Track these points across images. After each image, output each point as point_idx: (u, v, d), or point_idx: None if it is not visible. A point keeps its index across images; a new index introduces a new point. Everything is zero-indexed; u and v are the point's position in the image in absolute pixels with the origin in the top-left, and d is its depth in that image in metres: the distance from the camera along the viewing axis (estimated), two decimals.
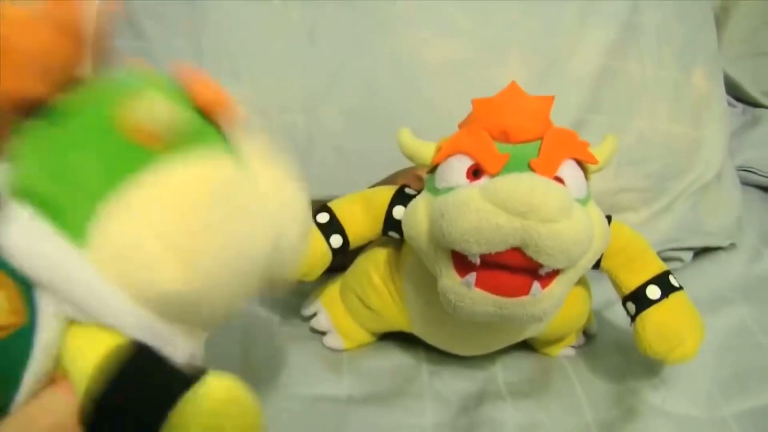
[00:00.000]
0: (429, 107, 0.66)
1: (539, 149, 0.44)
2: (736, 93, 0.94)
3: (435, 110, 0.66)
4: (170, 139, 0.30)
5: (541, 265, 0.41)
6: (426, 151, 0.48)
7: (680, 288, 0.51)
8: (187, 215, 0.29)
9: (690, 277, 0.67)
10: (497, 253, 0.41)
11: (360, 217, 0.53)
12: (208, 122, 0.33)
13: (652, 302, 0.50)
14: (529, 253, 0.40)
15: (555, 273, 0.43)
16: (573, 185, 0.44)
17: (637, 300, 0.51)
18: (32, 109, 0.30)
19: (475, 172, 0.44)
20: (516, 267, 0.42)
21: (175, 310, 0.30)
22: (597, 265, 0.51)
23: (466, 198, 0.41)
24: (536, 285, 0.42)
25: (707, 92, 0.74)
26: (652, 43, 0.72)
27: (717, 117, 0.75)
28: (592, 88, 0.69)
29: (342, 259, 0.55)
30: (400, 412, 0.51)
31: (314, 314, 0.59)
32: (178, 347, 0.31)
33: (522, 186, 0.40)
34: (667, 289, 0.51)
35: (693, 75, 0.73)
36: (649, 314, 0.50)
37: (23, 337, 0.28)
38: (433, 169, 0.48)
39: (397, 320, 0.55)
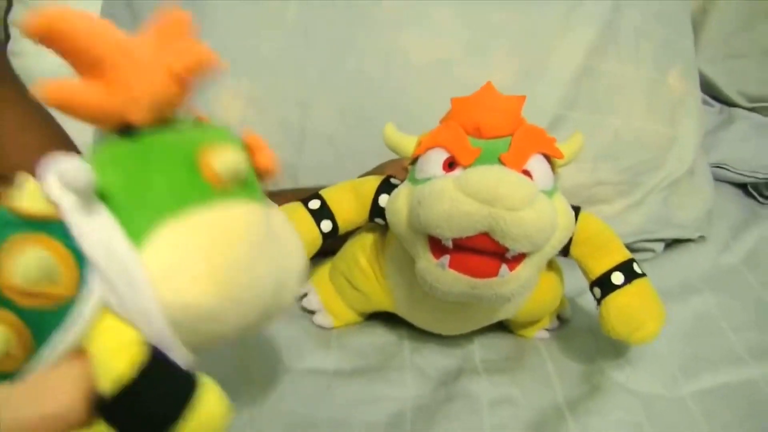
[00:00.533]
0: (417, 104, 0.70)
1: (509, 144, 0.48)
2: (713, 92, 0.97)
3: (422, 107, 0.68)
4: (232, 186, 0.36)
5: (507, 249, 0.45)
6: (408, 144, 0.52)
7: (643, 275, 0.54)
8: (233, 248, 0.35)
9: (661, 267, 0.72)
10: (468, 238, 0.45)
11: (349, 204, 0.57)
12: (254, 177, 0.39)
13: (616, 287, 0.54)
14: (496, 237, 0.45)
15: (521, 257, 0.47)
16: (540, 178, 0.48)
17: (603, 285, 0.54)
18: (126, 129, 0.35)
19: (450, 164, 0.49)
20: (485, 251, 0.46)
21: (192, 324, 0.35)
22: (567, 253, 0.55)
23: (441, 187, 0.46)
24: (504, 267, 0.47)
25: (683, 92, 0.78)
26: (631, 43, 0.75)
27: (691, 116, 0.78)
28: (571, 86, 0.72)
29: (332, 244, 0.59)
30: (383, 385, 0.55)
31: (305, 294, 0.63)
32: (178, 357, 0.36)
33: (490, 177, 0.45)
34: (631, 275, 0.54)
35: (669, 75, 0.77)
36: (613, 298, 0.53)
37: (66, 308, 0.32)
38: (414, 161, 0.52)
39: (382, 301, 0.59)
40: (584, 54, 0.73)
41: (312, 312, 0.63)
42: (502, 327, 0.62)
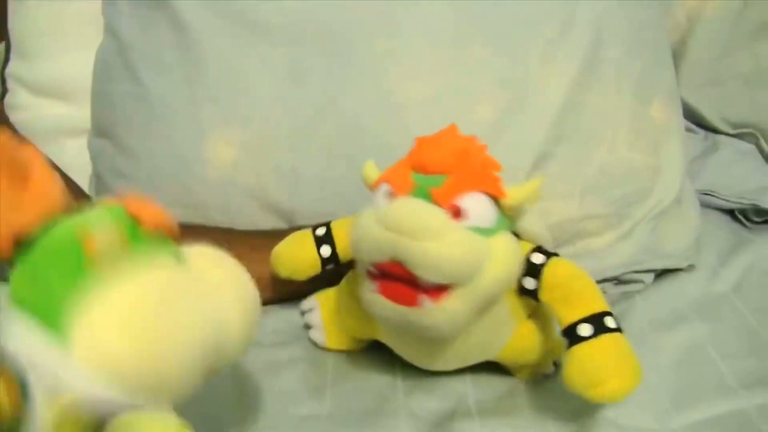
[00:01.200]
0: (403, 142, 0.69)
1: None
2: (697, 120, 0.99)
3: (408, 145, 0.70)
4: (123, 255, 0.38)
5: (418, 278, 0.48)
6: (372, 179, 0.55)
7: (616, 330, 0.52)
8: (141, 315, 0.37)
9: (650, 297, 0.73)
10: (383, 264, 0.49)
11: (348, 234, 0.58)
12: (154, 237, 0.41)
13: (582, 339, 0.52)
14: (407, 266, 0.47)
15: (443, 289, 0.49)
16: (475, 215, 0.50)
17: (569, 336, 0.53)
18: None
19: (391, 197, 0.52)
20: (400, 278, 0.49)
21: (136, 384, 0.37)
22: (536, 297, 0.55)
23: (364, 216, 0.50)
24: (424, 297, 0.48)
25: (665, 121, 0.79)
26: (612, 76, 0.76)
27: (675, 144, 0.79)
28: (555, 122, 0.73)
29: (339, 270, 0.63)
30: (378, 430, 0.56)
31: (310, 310, 0.66)
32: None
33: (400, 207, 0.49)
34: (600, 329, 0.52)
35: (651, 106, 0.78)
36: (576, 350, 0.52)
37: (24, 425, 0.35)
38: None
39: (371, 329, 0.60)
40: (567, 89, 0.74)
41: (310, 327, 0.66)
42: (498, 367, 0.62)
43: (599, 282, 0.73)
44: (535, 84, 0.74)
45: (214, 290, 0.42)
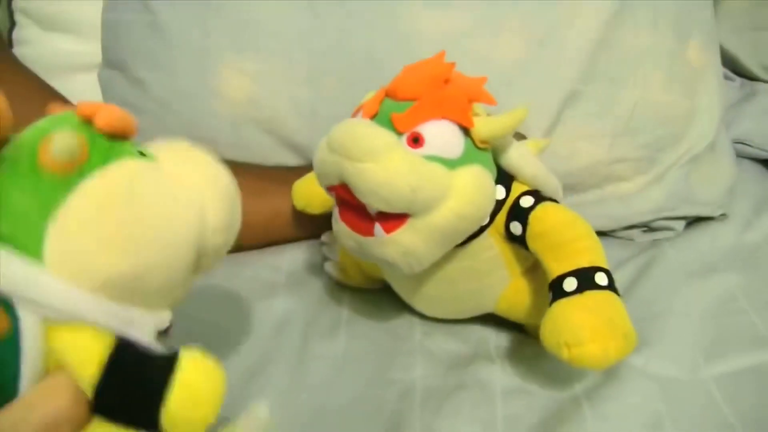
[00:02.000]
0: None
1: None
2: (734, 66, 0.94)
3: None
4: (82, 162, 0.36)
5: (366, 205, 0.45)
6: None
7: (607, 288, 0.47)
8: (111, 212, 0.35)
9: (681, 247, 0.70)
10: (334, 188, 0.47)
11: None
12: (114, 141, 0.39)
13: (566, 294, 0.47)
14: (351, 190, 0.45)
15: (397, 220, 0.45)
16: (435, 144, 0.46)
17: (553, 289, 0.48)
18: None
19: None
20: (350, 203, 0.46)
21: (127, 291, 0.36)
22: (525, 246, 0.51)
23: (323, 139, 0.48)
24: (378, 227, 0.46)
25: (702, 64, 0.75)
26: (648, 14, 0.72)
27: (711, 89, 0.75)
28: (587, 59, 0.69)
29: None
30: (393, 368, 0.54)
31: (330, 243, 0.65)
32: (143, 324, 0.37)
33: (342, 128, 0.46)
34: (587, 284, 0.47)
35: (688, 47, 0.74)
36: (556, 306, 0.47)
37: (10, 345, 0.33)
38: None
39: (376, 266, 0.57)
40: (600, 26, 0.70)
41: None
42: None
43: (627, 228, 0.71)
44: (566, 19, 0.70)
45: (186, 180, 0.40)
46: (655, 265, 0.67)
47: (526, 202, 0.51)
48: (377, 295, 0.62)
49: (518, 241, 0.51)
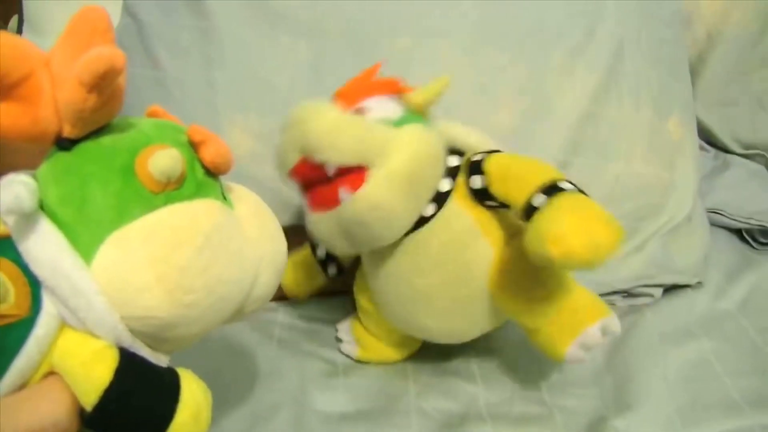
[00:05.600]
0: None
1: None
2: (708, 138, 0.99)
3: None
4: (176, 189, 0.36)
5: (322, 165, 0.48)
6: None
7: (573, 190, 0.48)
8: (179, 254, 0.34)
9: (659, 312, 0.73)
10: (295, 168, 0.51)
11: None
12: (208, 174, 0.38)
13: (537, 209, 0.47)
14: (309, 155, 0.49)
15: (357, 175, 0.49)
16: (376, 110, 0.53)
17: (526, 213, 0.48)
18: (62, 141, 0.35)
19: None
20: (313, 178, 0.50)
21: (153, 332, 0.35)
22: (491, 197, 0.52)
23: None
24: (342, 190, 0.49)
25: (681, 138, 0.79)
26: (632, 88, 0.76)
27: (689, 162, 0.79)
28: (575, 131, 0.73)
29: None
30: (388, 427, 0.56)
31: (343, 328, 0.67)
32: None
33: (293, 108, 0.51)
34: (554, 193, 0.47)
35: (668, 121, 0.78)
36: (533, 219, 0.47)
37: (22, 328, 0.33)
38: None
39: (384, 324, 0.61)
40: (588, 98, 0.74)
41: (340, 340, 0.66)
42: (510, 367, 0.62)
43: (608, 294, 0.74)
44: (554, 93, 0.74)
45: (254, 242, 0.39)
46: (635, 329, 0.70)
47: (478, 157, 0.54)
48: None
49: (484, 197, 0.53)
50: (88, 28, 0.35)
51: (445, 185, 0.54)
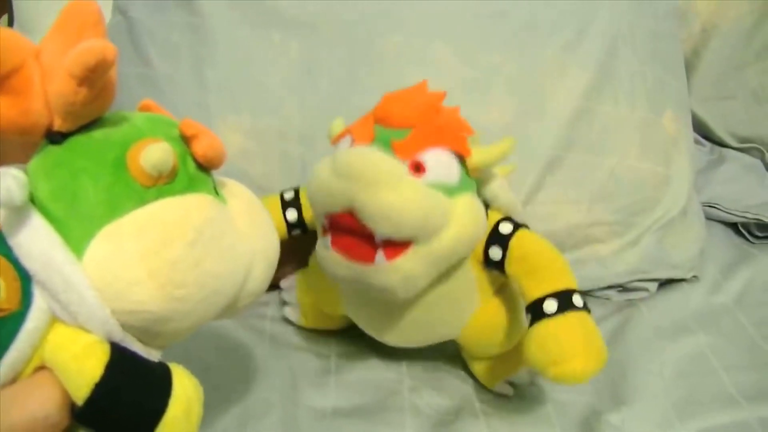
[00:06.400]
0: None
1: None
2: (704, 132, 0.99)
3: None
4: (168, 183, 0.35)
5: (373, 232, 0.45)
6: (336, 133, 0.53)
7: (583, 308, 0.50)
8: (171, 248, 0.34)
9: (654, 307, 0.73)
10: (336, 215, 0.47)
11: None
12: (200, 168, 0.38)
13: (547, 316, 0.49)
14: (358, 216, 0.45)
15: (400, 247, 0.46)
16: (437, 171, 0.48)
17: (533, 311, 0.50)
18: (53, 135, 0.35)
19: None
20: (354, 230, 0.46)
21: (144, 326, 0.35)
22: (503, 269, 0.52)
23: (320, 164, 0.48)
24: (380, 254, 0.46)
25: (676, 133, 0.79)
26: (626, 84, 0.76)
27: (684, 156, 0.79)
28: (568, 127, 0.73)
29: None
30: (381, 426, 0.55)
31: (288, 288, 0.67)
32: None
33: (352, 154, 0.45)
34: (566, 306, 0.49)
35: (663, 116, 0.78)
36: (539, 326, 0.49)
37: (12, 322, 0.32)
38: None
39: (334, 300, 0.59)
40: (581, 95, 0.74)
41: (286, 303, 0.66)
42: None
43: (603, 289, 0.74)
44: (547, 91, 0.74)
45: (246, 237, 0.39)
46: (630, 324, 0.70)
47: (506, 228, 0.52)
48: (365, 349, 0.64)
49: (495, 266, 0.53)
50: (79, 21, 0.35)
51: None
